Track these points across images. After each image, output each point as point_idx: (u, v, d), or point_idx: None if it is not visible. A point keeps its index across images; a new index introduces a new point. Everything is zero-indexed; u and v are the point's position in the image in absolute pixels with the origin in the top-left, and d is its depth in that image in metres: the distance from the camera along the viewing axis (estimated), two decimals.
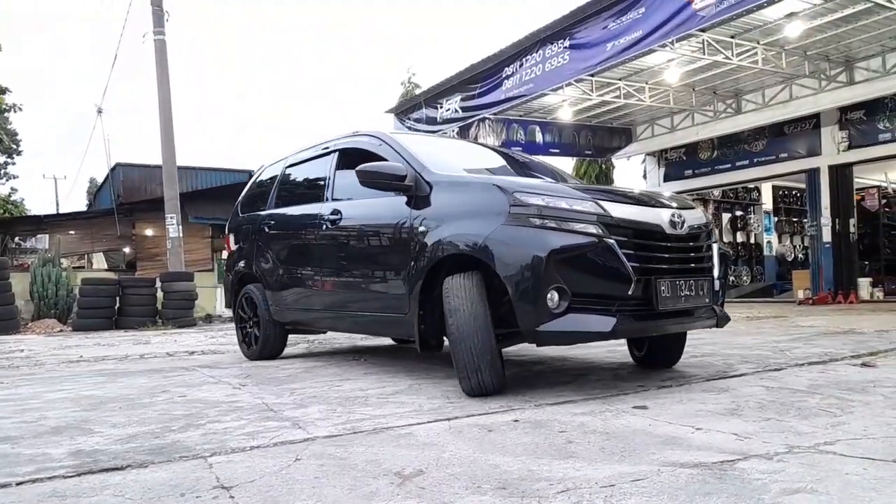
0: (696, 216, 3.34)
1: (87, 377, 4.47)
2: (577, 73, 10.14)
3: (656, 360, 3.88)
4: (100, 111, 19.72)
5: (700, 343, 5.19)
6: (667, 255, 3.06)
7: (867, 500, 1.57)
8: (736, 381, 3.37)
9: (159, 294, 11.43)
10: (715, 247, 3.38)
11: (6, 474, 2.03)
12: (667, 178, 15.47)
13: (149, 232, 19.76)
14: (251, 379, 4.06)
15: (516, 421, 2.57)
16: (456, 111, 12.72)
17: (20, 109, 27.09)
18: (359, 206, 4.06)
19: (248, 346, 5.25)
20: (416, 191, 3.52)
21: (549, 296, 2.81)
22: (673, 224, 3.10)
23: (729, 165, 14.18)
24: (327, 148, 4.64)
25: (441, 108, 13.34)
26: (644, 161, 16.48)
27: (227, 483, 1.87)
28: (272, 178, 5.33)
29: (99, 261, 23.90)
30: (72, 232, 21.26)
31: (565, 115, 13.82)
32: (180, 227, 12.80)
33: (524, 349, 4.80)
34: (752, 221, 16.97)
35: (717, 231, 3.63)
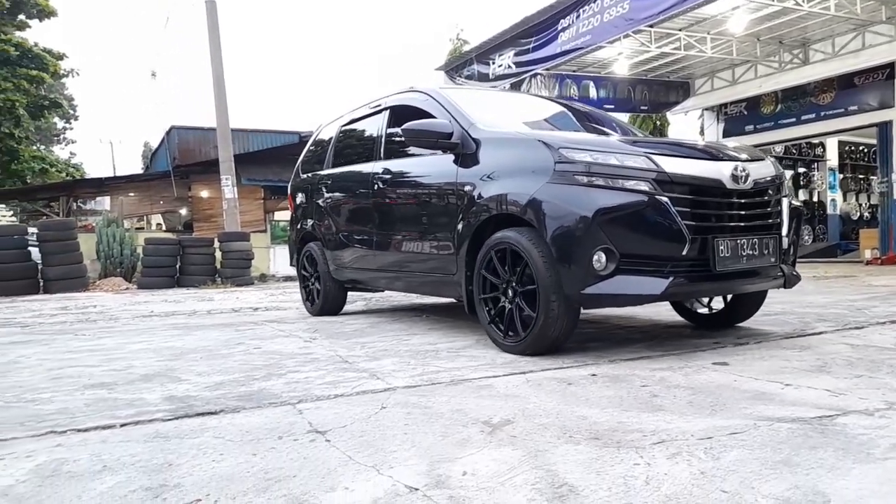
0: (763, 169, 3.14)
1: (163, 330, 4.64)
2: (638, 23, 9.75)
3: (730, 316, 3.80)
4: (153, 75, 20.13)
5: (769, 301, 5.00)
6: (727, 213, 2.91)
7: None
8: (816, 339, 3.27)
9: (217, 254, 11.74)
10: (785, 202, 3.17)
11: (109, 416, 2.14)
12: (726, 134, 14.88)
13: (204, 193, 20.19)
14: (319, 333, 4.15)
15: (594, 375, 2.55)
16: (509, 66, 12.44)
17: (77, 74, 27.59)
18: (408, 164, 4.04)
19: (311, 303, 5.44)
20: (463, 148, 3.44)
21: (595, 257, 2.71)
22: (735, 178, 2.91)
23: (793, 119, 13.53)
24: (379, 106, 4.61)
25: (493, 63, 13.07)
26: (701, 116, 15.89)
27: (320, 428, 1.91)
28: (329, 138, 5.39)
29: (155, 221, 24.67)
30: (131, 194, 21.90)
31: (621, 69, 13.38)
32: (235, 188, 13.04)
33: None
34: (815, 179, 16.25)
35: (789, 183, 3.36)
